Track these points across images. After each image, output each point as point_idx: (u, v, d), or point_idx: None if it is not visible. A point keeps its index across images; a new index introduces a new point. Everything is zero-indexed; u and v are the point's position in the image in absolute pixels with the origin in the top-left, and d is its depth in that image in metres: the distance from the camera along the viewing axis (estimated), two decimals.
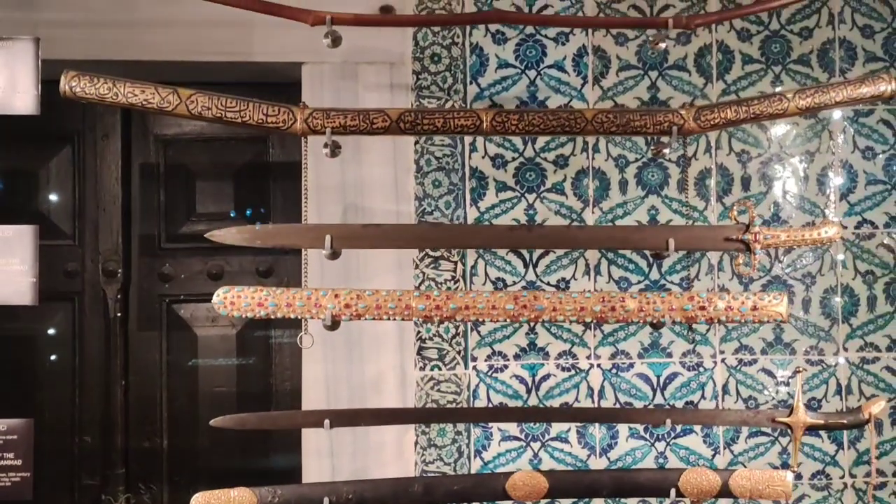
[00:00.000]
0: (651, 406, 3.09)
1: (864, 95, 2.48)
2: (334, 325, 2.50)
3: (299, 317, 2.52)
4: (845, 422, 2.56)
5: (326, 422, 2.57)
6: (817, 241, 2.54)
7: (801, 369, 2.60)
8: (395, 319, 2.52)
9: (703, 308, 2.48)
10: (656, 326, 2.53)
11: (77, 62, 2.77)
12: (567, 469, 3.18)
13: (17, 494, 2.44)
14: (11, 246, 2.45)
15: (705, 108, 2.51)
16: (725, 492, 2.58)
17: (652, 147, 3.02)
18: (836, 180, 3.27)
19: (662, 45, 2.57)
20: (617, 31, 3.28)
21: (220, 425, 2.55)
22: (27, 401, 3.37)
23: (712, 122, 2.51)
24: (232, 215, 3.59)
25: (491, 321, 2.48)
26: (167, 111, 2.41)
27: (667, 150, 2.59)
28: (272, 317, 2.49)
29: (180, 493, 3.41)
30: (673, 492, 2.57)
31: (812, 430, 2.57)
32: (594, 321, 2.58)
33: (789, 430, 2.61)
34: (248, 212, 3.62)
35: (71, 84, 2.38)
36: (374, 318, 2.51)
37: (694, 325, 2.57)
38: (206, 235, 2.54)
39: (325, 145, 2.49)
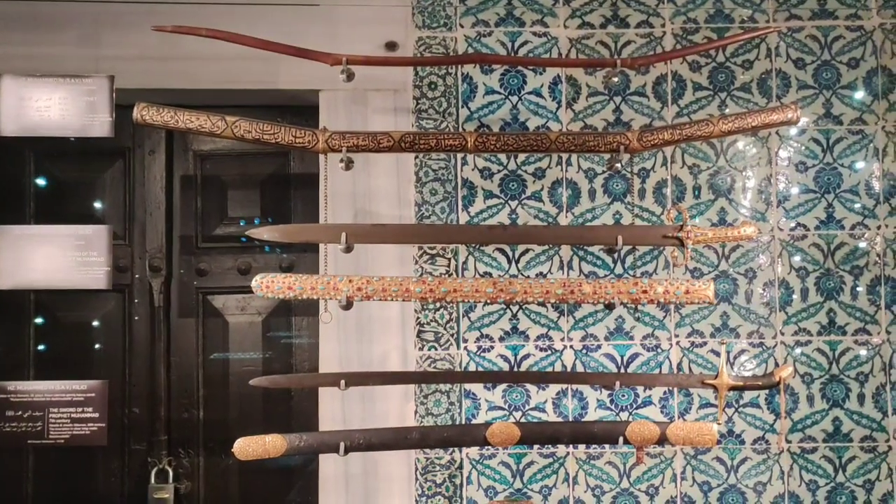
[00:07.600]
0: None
1: (774, 121, 2.78)
2: (348, 304, 2.77)
3: (321, 298, 2.78)
4: (760, 383, 2.84)
5: (342, 382, 2.83)
6: (738, 238, 2.83)
7: (724, 340, 2.89)
8: (397, 300, 2.78)
9: (645, 292, 2.77)
10: (609, 307, 2.81)
11: (133, 90, 3.08)
12: (535, 421, 3.37)
13: (96, 440, 2.89)
14: (91, 242, 2.86)
15: (646, 130, 2.81)
16: (664, 440, 2.84)
17: (606, 163, 3.25)
18: (775, 189, 3.52)
19: (616, 79, 2.98)
20: None
21: (257, 384, 2.85)
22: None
23: (652, 143, 2.80)
24: (256, 221, 3.79)
25: (475, 302, 2.73)
26: (217, 134, 2.72)
27: (618, 165, 2.86)
28: (299, 298, 2.76)
29: (213, 457, 3.70)
30: (621, 439, 2.83)
31: (733, 389, 2.83)
32: (557, 301, 2.80)
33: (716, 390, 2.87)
34: (271, 216, 3.79)
35: (142, 113, 2.68)
36: (380, 299, 2.77)
37: (639, 306, 2.90)
38: (246, 233, 2.83)
39: (341, 160, 2.78)
